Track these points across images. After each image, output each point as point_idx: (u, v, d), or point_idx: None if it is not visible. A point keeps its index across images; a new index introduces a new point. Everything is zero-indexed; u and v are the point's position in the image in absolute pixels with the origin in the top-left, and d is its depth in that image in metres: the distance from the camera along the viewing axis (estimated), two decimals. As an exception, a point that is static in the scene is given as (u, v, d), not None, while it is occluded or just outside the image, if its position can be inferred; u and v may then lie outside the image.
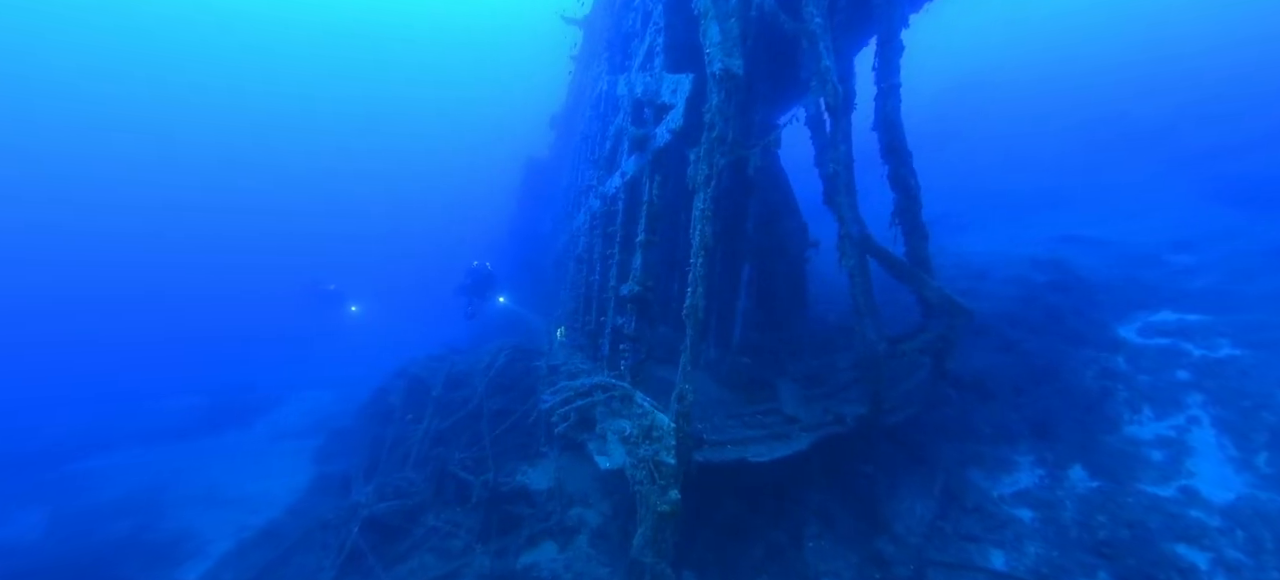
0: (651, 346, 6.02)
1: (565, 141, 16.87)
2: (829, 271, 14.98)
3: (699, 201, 4.77)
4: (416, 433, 9.77)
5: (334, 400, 21.50)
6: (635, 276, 5.86)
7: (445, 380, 10.65)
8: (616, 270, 7.02)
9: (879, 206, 7.68)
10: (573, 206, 12.07)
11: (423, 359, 11.91)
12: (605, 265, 8.14)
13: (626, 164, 7.01)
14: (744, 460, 6.08)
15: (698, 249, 4.65)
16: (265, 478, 14.12)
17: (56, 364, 36.00)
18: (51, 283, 59.84)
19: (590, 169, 9.81)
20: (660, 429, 4.59)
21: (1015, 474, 8.40)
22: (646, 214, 5.92)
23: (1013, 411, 9.38)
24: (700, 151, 4.83)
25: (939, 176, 24.38)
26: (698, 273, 4.67)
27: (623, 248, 7.04)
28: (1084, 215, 16.51)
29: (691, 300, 4.66)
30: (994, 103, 31.90)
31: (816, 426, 7.09)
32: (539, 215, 20.22)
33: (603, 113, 9.75)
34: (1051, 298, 11.37)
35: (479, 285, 14.42)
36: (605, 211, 8.09)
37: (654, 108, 6.23)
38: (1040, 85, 33.40)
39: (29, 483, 16.84)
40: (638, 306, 5.81)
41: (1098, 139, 24.12)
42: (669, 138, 5.38)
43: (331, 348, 31.33)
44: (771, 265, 10.25)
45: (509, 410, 10.06)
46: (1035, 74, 35.62)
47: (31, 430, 22.41)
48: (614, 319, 6.99)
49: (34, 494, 15.97)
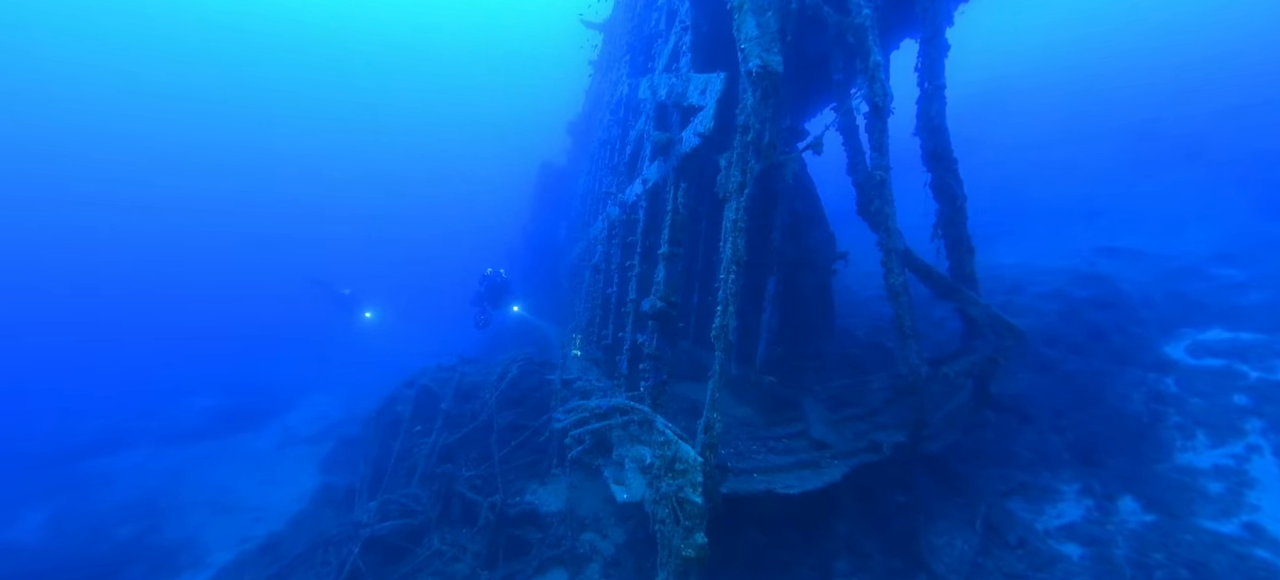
0: (674, 366, 5.58)
1: (582, 148, 16.50)
2: (853, 284, 14.45)
3: (730, 211, 4.34)
4: (423, 446, 9.40)
5: (344, 405, 21.29)
6: (658, 290, 5.43)
7: (455, 392, 10.27)
8: (636, 283, 6.59)
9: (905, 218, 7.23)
10: (590, 214, 11.68)
11: (433, 369, 11.56)
12: (624, 276, 7.72)
13: (649, 170, 6.60)
14: (772, 492, 5.61)
15: (729, 263, 4.21)
16: (272, 485, 13.86)
17: (84, 361, 36.30)
18: (83, 281, 60.79)
19: (609, 176, 9.41)
20: (685, 462, 4.14)
21: (1060, 505, 7.84)
22: (670, 224, 5.49)
23: (1054, 436, 8.81)
24: (732, 157, 4.40)
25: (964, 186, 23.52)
26: (729, 289, 4.23)
27: (643, 259, 6.62)
28: (1119, 226, 15.84)
29: (721, 320, 4.22)
30: (1020, 109, 31.06)
31: (849, 454, 6.61)
32: (554, 222, 19.85)
33: (623, 118, 9.35)
34: (1092, 314, 10.77)
35: (493, 293, 13.84)
36: (625, 220, 7.68)
37: (680, 110, 5.81)
38: (1068, 90, 32.56)
39: (40, 480, 16.76)
40: (660, 323, 5.37)
41: (1130, 146, 23.33)
42: (697, 142, 4.95)
43: (345, 352, 31.22)
44: (798, 278, 9.77)
45: (520, 425, 9.66)
46: (1062, 79, 34.77)
47: (52, 426, 22.47)
48: (633, 335, 6.56)
49: (43, 492, 15.87)
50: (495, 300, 13.79)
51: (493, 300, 13.73)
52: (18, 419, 23.69)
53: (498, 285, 13.94)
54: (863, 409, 8.21)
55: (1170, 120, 23.74)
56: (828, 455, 6.69)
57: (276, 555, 9.54)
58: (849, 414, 7.97)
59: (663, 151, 5.85)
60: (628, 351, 6.57)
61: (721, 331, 4.21)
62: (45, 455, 18.81)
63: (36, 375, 32.63)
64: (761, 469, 6.12)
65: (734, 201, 4.33)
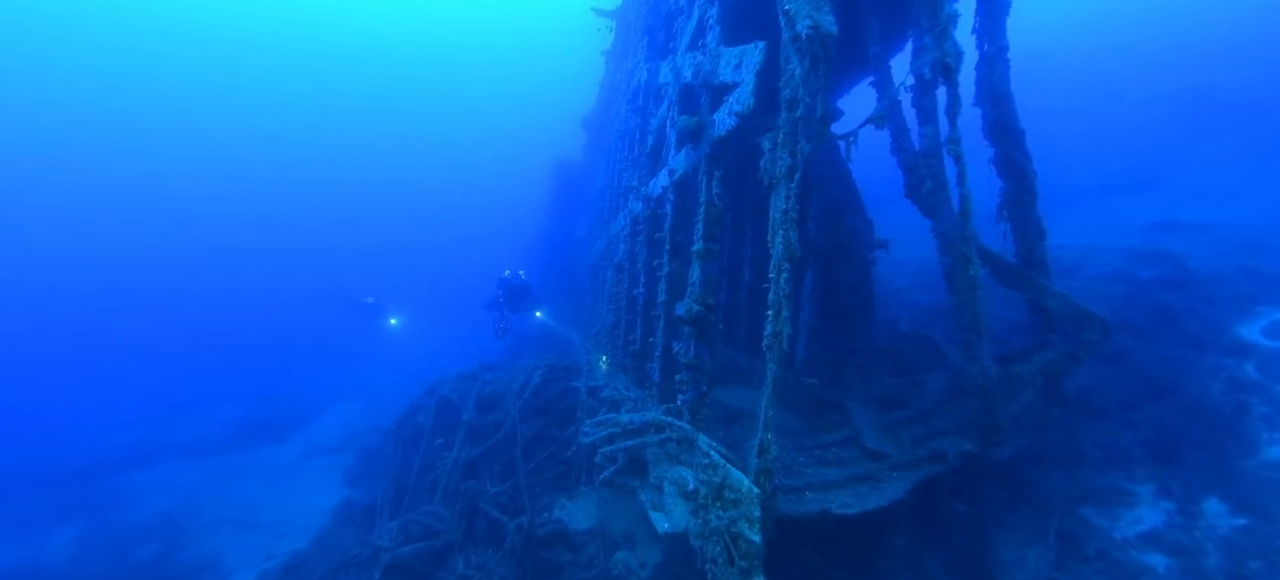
0: (713, 376, 5.00)
1: (598, 142, 15.93)
2: (884, 271, 13.65)
3: (779, 199, 3.74)
4: (445, 461, 8.96)
5: (368, 413, 21.09)
6: (693, 292, 4.85)
7: (476, 402, 9.82)
8: (666, 283, 6.02)
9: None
10: (609, 210, 11.13)
11: (453, 378, 11.13)
12: (650, 276, 7.16)
13: (675, 160, 6.01)
14: (827, 512, 5.02)
15: (781, 259, 3.62)
16: (295, 499, 13.62)
17: (113, 373, 36.80)
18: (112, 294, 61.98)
19: (629, 169, 8.84)
20: (737, 491, 3.58)
21: (1137, 509, 7.13)
22: (705, 217, 4.91)
23: (1126, 432, 8.07)
24: (779, 137, 3.80)
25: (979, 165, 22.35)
26: (782, 290, 3.64)
27: (672, 256, 6.04)
28: (1177, 198, 14.83)
29: (774, 326, 3.64)
30: (1061, 77, 29.40)
31: (909, 465, 5.99)
32: (572, 220, 19.32)
33: (642, 106, 8.76)
34: (1161, 296, 9.94)
35: (513, 297, 12.93)
36: (650, 215, 7.11)
37: (710, 91, 5.22)
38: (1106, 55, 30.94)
39: (69, 497, 16.77)
40: (697, 329, 4.80)
41: (1182, 113, 22.01)
42: (733, 123, 4.35)
43: (369, 358, 31.17)
44: (834, 269, 9.12)
45: (545, 436, 9.17)
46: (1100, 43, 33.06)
47: (82, 438, 22.67)
48: (665, 341, 5.99)
49: (71, 509, 15.86)
50: (515, 304, 12.90)
51: (512, 304, 12.85)
52: (50, 431, 23.97)
53: (517, 288, 13.04)
54: (915, 411, 7.57)
55: (1224, 82, 22.33)
56: (885, 467, 6.08)
57: (298, 577, 9.19)
58: (901, 417, 7.35)
59: (691, 138, 5.26)
60: (659, 359, 6.01)
61: (775, 339, 3.62)
62: (74, 470, 18.89)
63: (67, 387, 33.15)
64: (813, 485, 5.53)
65: (784, 188, 3.73)
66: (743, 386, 9.34)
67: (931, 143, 6.18)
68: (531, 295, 13.33)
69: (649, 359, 7.26)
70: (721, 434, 7.00)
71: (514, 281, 13.11)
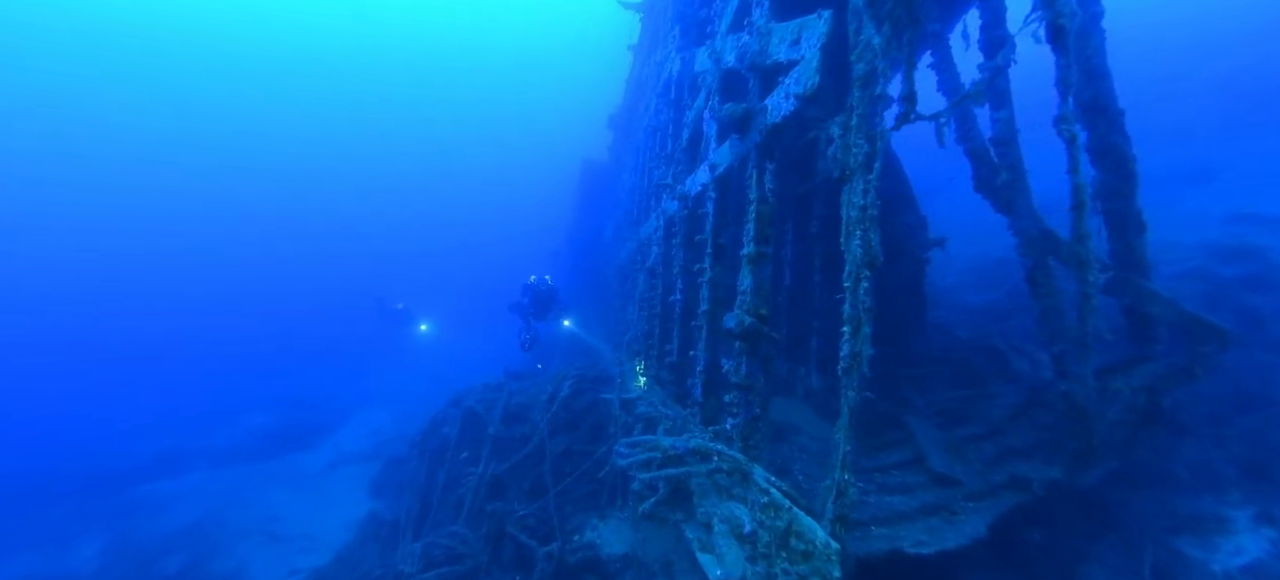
0: (767, 397, 4.42)
1: (626, 140, 15.39)
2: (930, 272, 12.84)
3: (856, 194, 3.15)
4: (471, 479, 8.50)
5: (395, 421, 20.92)
6: (744, 302, 4.27)
7: (503, 415, 9.35)
8: (708, 290, 5.45)
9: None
10: (639, 211, 10.58)
11: (479, 388, 10.69)
12: (689, 281, 6.59)
13: (717, 153, 5.44)
14: (899, 551, 4.40)
15: (860, 266, 3.04)
16: (320, 510, 13.39)
17: (145, 379, 37.42)
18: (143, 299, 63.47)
19: (661, 166, 8.28)
20: (809, 542, 2.99)
21: (1234, 537, 6.32)
22: (756, 216, 4.33)
23: (1216, 449, 7.23)
24: (852, 121, 3.21)
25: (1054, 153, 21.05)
26: (861, 302, 3.06)
27: (714, 260, 5.47)
28: (1246, 189, 13.72)
29: (852, 346, 3.06)
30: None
31: (984, 493, 5.33)
32: (599, 222, 18.81)
33: (675, 99, 8.20)
34: (1246, 296, 9.03)
35: (538, 303, 11.93)
36: (687, 215, 6.54)
37: (759, 74, 4.63)
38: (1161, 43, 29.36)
39: (98, 506, 16.82)
40: (749, 343, 4.22)
41: (1241, 99, 20.65)
42: (793, 107, 3.77)
43: (398, 364, 31.16)
44: (885, 271, 8.44)
45: (575, 452, 8.65)
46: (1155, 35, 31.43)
47: (114, 444, 22.90)
48: (708, 354, 5.42)
49: (99, 520, 15.88)
50: (540, 312, 12.00)
51: (537, 312, 11.96)
52: (81, 437, 24.31)
53: (543, 295, 12.08)
54: (983, 427, 6.87)
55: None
56: (958, 495, 5.42)
57: (320, 597, 8.84)
58: (967, 434, 6.65)
59: (737, 127, 4.68)
60: (702, 375, 5.44)
61: (854, 361, 3.03)
62: (104, 477, 19.02)
63: (98, 393, 33.73)
64: (878, 518, 4.91)
65: (860, 181, 3.14)
66: (784, 397, 8.71)
67: (1005, 129, 5.52)
68: (558, 302, 12.41)
69: (689, 374, 6.69)
70: (767, 454, 6.40)
71: (540, 287, 12.18)
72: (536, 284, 12.16)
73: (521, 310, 11.65)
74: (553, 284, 12.26)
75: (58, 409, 29.91)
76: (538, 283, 12.19)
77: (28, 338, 50.90)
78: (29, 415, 29.40)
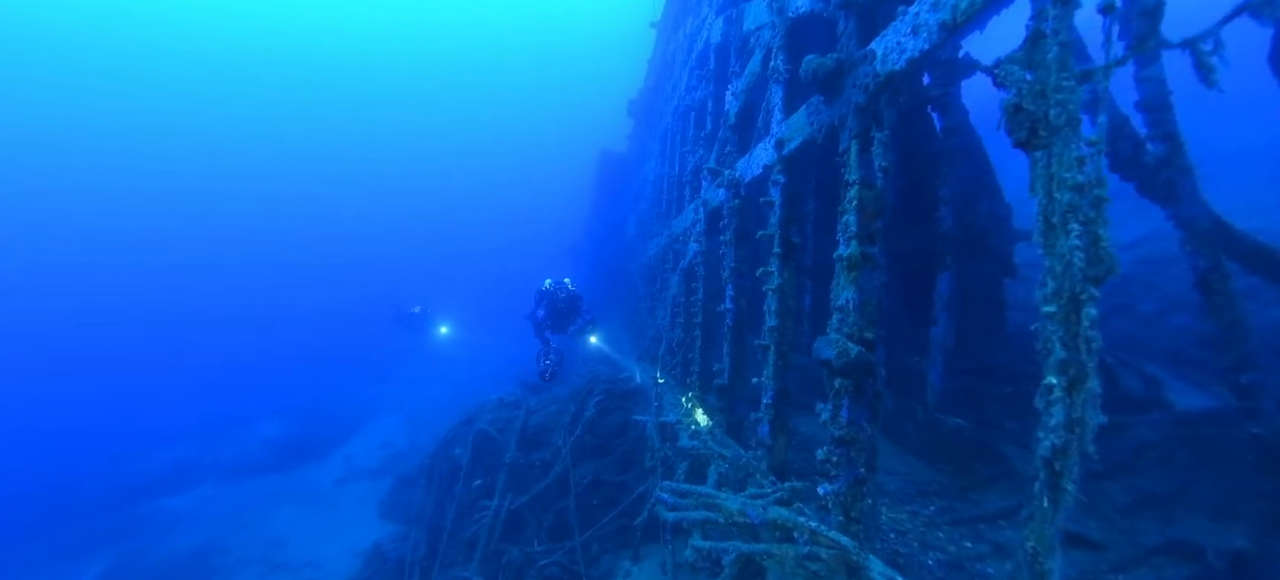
0: (875, 449, 3.23)
1: (648, 126, 14.19)
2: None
3: (1065, 163, 1.95)
4: (485, 514, 7.41)
5: (409, 431, 20.07)
6: (846, 324, 3.10)
7: (520, 438, 8.25)
8: (776, 300, 4.28)
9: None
10: (670, 202, 9.40)
11: (493, 403, 9.63)
12: (741, 286, 5.41)
13: (787, 125, 4.25)
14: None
15: (1082, 277, 1.85)
16: (327, 534, 12.51)
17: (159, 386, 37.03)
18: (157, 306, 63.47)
19: (701, 149, 7.09)
20: None
21: None
22: (858, 206, 3.15)
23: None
24: (1051, 54, 2.01)
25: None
26: (1083, 339, 1.87)
27: (783, 263, 4.29)
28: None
29: (1068, 411, 1.86)
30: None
31: (1139, 561, 4.14)
32: (620, 216, 17.62)
33: (716, 70, 7.00)
34: None
35: (558, 315, 9.24)
36: (740, 206, 5.37)
37: (854, 11, 3.43)
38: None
39: (105, 522, 16.15)
40: (854, 380, 3.04)
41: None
42: (926, 45, 2.57)
43: (414, 370, 30.36)
44: (967, 268, 7.16)
45: (603, 481, 7.52)
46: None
47: (125, 455, 22.28)
48: (776, 382, 4.25)
49: (106, 536, 15.23)
50: (560, 324, 9.34)
51: (557, 323, 9.28)
52: (94, 446, 23.78)
53: (563, 304, 9.31)
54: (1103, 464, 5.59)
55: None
56: (1103, 565, 4.24)
57: (318, 647, 7.83)
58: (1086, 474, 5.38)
59: (823, 86, 3.48)
60: (769, 409, 4.27)
61: (1072, 436, 1.85)
62: (114, 489, 18.40)
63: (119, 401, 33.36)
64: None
65: (1071, 142, 1.94)
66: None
67: (1156, 90, 4.24)
68: (582, 312, 9.61)
69: (744, 400, 5.51)
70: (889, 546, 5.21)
71: (557, 294, 9.32)
72: (554, 290, 9.36)
73: (537, 323, 8.96)
74: (574, 289, 9.51)
75: (78, 417, 29.55)
76: (556, 288, 9.41)
77: (47, 346, 50.97)
78: (50, 424, 29.01)
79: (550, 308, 9.07)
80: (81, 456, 22.36)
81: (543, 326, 8.86)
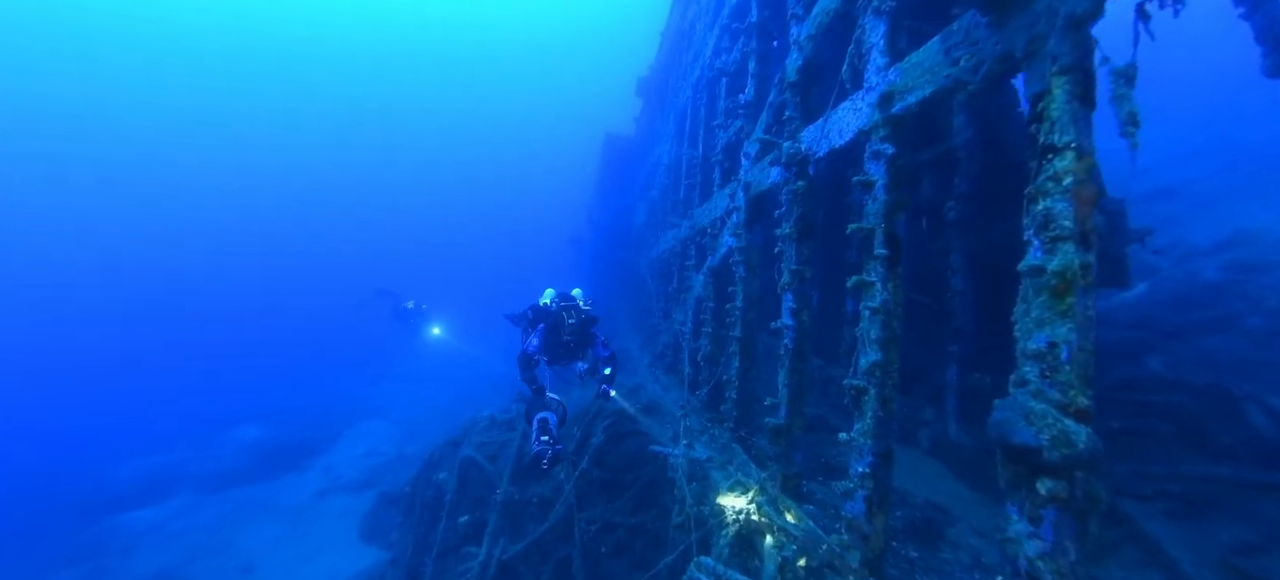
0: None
1: (661, 106, 12.80)
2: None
3: None
4: (472, 566, 6.13)
5: (395, 436, 18.82)
6: (1060, 379, 1.79)
7: (514, 468, 6.97)
8: (878, 322, 3.00)
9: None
10: (689, 188, 8.08)
11: (484, 422, 8.34)
12: (804, 295, 4.11)
13: (895, 73, 2.95)
14: None
15: None
16: (302, 560, 11.23)
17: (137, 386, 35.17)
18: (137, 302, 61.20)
19: (739, 120, 5.76)
20: None
21: None
22: (1075, 188, 1.85)
23: None
24: None
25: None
26: None
27: (888, 269, 3.02)
28: None
29: None
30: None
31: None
32: (627, 204, 16.22)
33: (757, 23, 5.66)
34: None
35: (561, 345, 6.07)
36: (805, 190, 4.06)
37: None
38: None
39: (73, 539, 14.88)
40: (1067, 483, 1.74)
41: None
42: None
43: (403, 368, 29.05)
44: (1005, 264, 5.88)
45: (613, 524, 6.25)
46: None
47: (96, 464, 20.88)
48: (878, 441, 2.98)
49: (73, 556, 13.95)
50: (564, 355, 6.20)
51: (557, 353, 6.13)
52: (66, 453, 22.41)
53: (569, 330, 6.04)
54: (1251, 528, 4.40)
55: None
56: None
57: None
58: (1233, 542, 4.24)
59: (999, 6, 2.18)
60: (869, 479, 2.99)
61: None
62: (84, 502, 17.06)
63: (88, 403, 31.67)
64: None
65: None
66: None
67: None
68: (597, 341, 6.26)
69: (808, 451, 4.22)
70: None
71: (563, 315, 6.06)
72: (558, 308, 6.13)
73: (528, 355, 5.76)
74: (589, 310, 6.26)
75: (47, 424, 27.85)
76: (561, 305, 6.18)
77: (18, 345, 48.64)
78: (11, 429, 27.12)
79: (551, 332, 5.99)
80: (48, 467, 20.91)
81: (535, 359, 5.75)
